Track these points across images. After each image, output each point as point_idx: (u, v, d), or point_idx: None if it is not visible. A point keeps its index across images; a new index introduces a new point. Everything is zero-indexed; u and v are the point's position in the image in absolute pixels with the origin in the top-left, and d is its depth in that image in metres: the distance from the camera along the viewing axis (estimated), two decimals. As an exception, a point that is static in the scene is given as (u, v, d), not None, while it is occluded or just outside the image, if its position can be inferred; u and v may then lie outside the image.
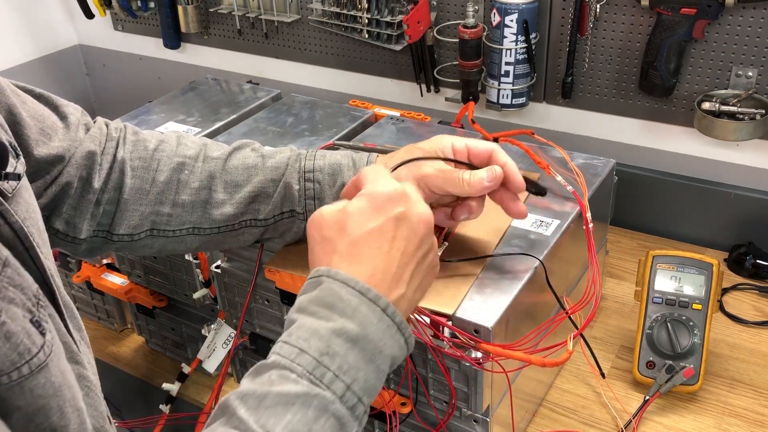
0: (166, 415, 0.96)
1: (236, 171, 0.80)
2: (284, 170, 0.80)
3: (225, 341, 0.96)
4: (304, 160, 0.81)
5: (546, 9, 1.21)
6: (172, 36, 1.67)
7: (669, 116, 1.21)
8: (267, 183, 0.79)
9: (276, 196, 0.79)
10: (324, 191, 0.79)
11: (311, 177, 0.79)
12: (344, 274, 0.58)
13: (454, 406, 0.79)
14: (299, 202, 0.79)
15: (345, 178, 0.78)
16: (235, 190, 0.79)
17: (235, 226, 0.80)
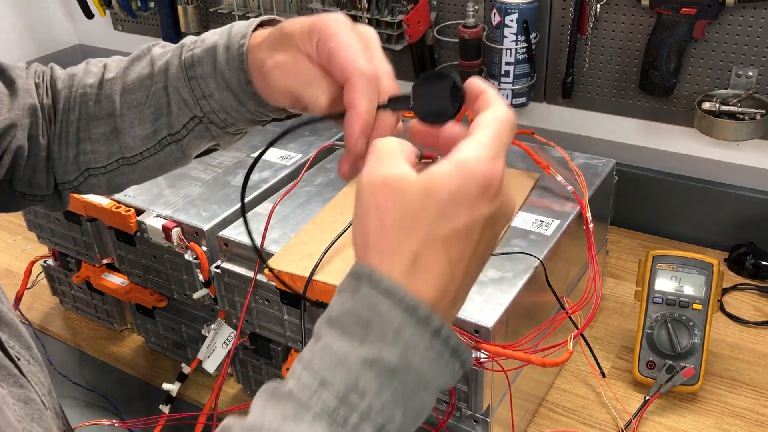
0: (166, 415, 0.96)
1: (134, 88, 0.71)
2: (167, 71, 0.69)
3: (225, 341, 0.96)
4: (186, 52, 0.68)
5: (546, 9, 1.21)
6: (172, 36, 1.67)
7: (669, 116, 1.21)
8: (159, 92, 0.69)
9: (173, 105, 0.69)
10: (209, 86, 0.66)
11: (194, 73, 0.67)
12: (388, 281, 0.45)
13: (454, 406, 0.79)
14: (195, 105, 0.68)
15: (220, 61, 0.65)
16: (140, 110, 0.70)
17: (157, 147, 0.71)
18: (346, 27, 0.59)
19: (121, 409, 1.01)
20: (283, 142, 1.12)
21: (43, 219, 1.09)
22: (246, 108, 0.67)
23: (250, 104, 0.67)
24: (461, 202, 0.45)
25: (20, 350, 0.54)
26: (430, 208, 0.45)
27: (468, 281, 0.48)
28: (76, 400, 1.03)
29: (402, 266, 0.45)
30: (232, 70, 0.65)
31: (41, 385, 0.55)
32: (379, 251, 0.46)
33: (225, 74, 0.65)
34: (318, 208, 0.94)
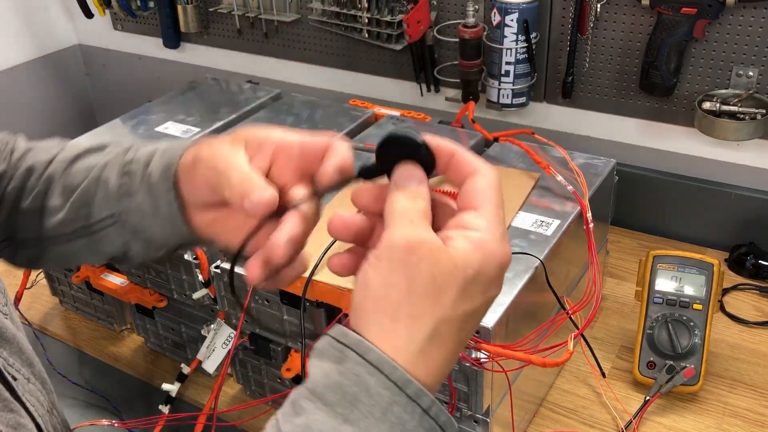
0: (165, 416, 0.96)
1: (77, 172, 0.68)
2: (106, 164, 0.67)
3: (225, 341, 0.96)
4: (132, 151, 0.67)
5: (546, 9, 1.21)
6: (171, 36, 1.67)
7: (669, 116, 1.20)
8: (92, 181, 0.67)
9: (98, 196, 0.66)
10: (134, 184, 0.64)
11: (128, 170, 0.65)
12: (378, 354, 0.43)
13: (454, 406, 0.79)
14: (117, 201, 0.65)
15: (154, 166, 0.63)
16: (71, 195, 0.68)
17: (69, 236, 0.68)
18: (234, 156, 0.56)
19: (121, 409, 1.01)
20: (283, 142, 1.12)
21: (42, 219, 1.09)
22: (157, 214, 0.64)
23: (164, 211, 0.63)
24: (482, 282, 0.45)
25: (20, 367, 0.53)
26: (458, 283, 0.44)
27: (461, 349, 0.47)
28: (76, 400, 1.03)
29: (420, 336, 0.43)
30: (160, 174, 0.63)
31: (39, 406, 0.53)
32: (394, 315, 0.44)
33: (152, 176, 0.64)
34: (318, 208, 0.93)
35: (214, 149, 0.57)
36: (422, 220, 0.46)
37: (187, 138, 0.69)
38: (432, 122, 1.18)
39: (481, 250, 0.45)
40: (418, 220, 0.45)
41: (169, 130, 1.19)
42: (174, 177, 0.61)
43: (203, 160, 0.57)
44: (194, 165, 0.59)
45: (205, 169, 0.57)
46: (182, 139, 0.64)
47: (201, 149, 0.59)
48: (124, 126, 1.22)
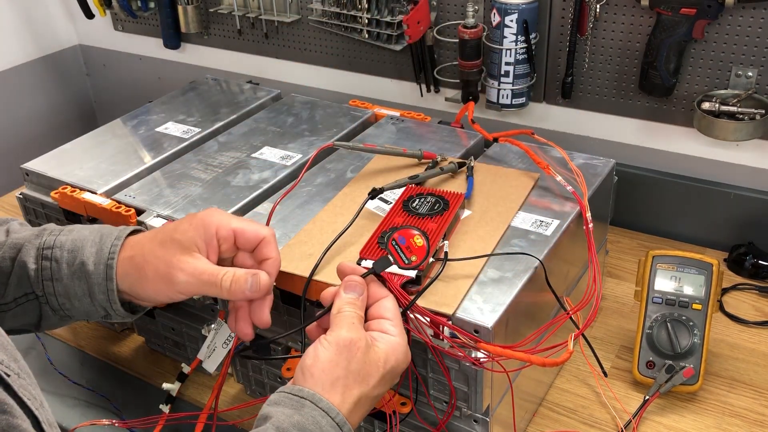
0: (166, 415, 0.96)
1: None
2: (22, 246, 0.73)
3: (225, 341, 0.96)
4: (47, 235, 0.74)
5: (546, 9, 1.21)
6: (172, 36, 1.67)
7: (669, 116, 1.21)
8: (4, 261, 0.72)
9: (13, 277, 0.72)
10: (61, 270, 0.72)
11: (49, 254, 0.72)
12: (327, 403, 0.62)
13: (454, 405, 0.79)
14: (37, 283, 0.72)
15: (85, 255, 0.72)
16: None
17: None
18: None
19: (121, 409, 1.01)
20: (283, 142, 1.13)
21: (43, 219, 1.09)
22: (93, 298, 0.72)
23: (101, 297, 0.73)
24: (393, 375, 0.68)
25: (9, 363, 0.54)
26: (380, 373, 0.66)
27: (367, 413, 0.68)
28: (76, 400, 1.03)
29: (349, 401, 0.64)
30: (97, 264, 0.71)
31: (33, 399, 0.55)
32: (333, 383, 0.63)
33: (87, 266, 0.71)
34: (318, 208, 0.94)
35: (180, 269, 0.70)
36: (359, 324, 0.68)
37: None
38: (432, 122, 1.18)
39: (395, 351, 0.67)
40: (356, 324, 0.67)
41: (169, 131, 1.19)
42: (113, 269, 0.72)
43: (176, 284, 0.70)
44: (139, 284, 0.71)
45: (173, 288, 0.70)
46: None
47: (139, 271, 0.72)
48: (125, 126, 1.22)
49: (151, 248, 0.72)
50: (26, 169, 1.10)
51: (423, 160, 1.01)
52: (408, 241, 0.73)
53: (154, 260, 0.71)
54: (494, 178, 0.97)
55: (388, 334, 0.68)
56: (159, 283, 0.70)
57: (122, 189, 1.03)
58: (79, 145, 1.16)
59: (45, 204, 1.07)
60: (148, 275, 0.71)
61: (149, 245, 0.73)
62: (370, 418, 0.87)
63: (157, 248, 0.72)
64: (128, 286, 0.73)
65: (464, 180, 0.96)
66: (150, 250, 0.72)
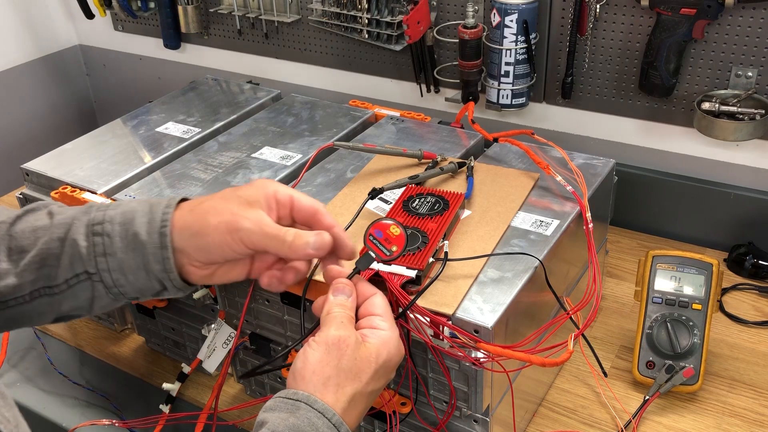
0: (166, 415, 0.96)
1: (22, 235, 0.71)
2: (70, 225, 0.71)
3: (225, 341, 0.96)
4: (94, 211, 0.72)
5: (546, 9, 1.21)
6: (172, 36, 1.67)
7: (669, 116, 1.21)
8: (53, 243, 0.70)
9: (64, 257, 0.70)
10: (114, 244, 0.70)
11: (100, 230, 0.70)
12: (322, 404, 0.62)
13: (454, 405, 0.79)
14: (89, 260, 0.70)
15: (137, 225, 0.70)
16: (21, 257, 0.70)
17: (26, 298, 0.70)
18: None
19: (121, 409, 1.01)
20: (283, 142, 1.13)
21: (43, 219, 1.09)
22: (149, 270, 0.71)
23: (156, 268, 0.71)
24: (387, 368, 0.67)
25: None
26: (372, 368, 0.65)
27: (367, 410, 0.68)
28: (76, 400, 1.03)
29: (343, 399, 0.63)
30: (150, 233, 0.70)
31: (6, 422, 0.54)
32: (325, 383, 0.63)
33: (141, 236, 0.70)
34: (318, 208, 0.93)
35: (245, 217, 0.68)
36: (348, 322, 0.67)
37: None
38: (432, 122, 1.18)
39: (387, 344, 0.67)
40: (345, 323, 0.67)
41: (169, 131, 1.19)
42: (167, 236, 0.70)
43: (239, 230, 0.67)
44: (199, 235, 0.69)
45: (236, 235, 0.67)
46: (156, 203, 0.74)
47: (201, 221, 0.69)
48: (125, 126, 1.22)
49: (213, 201, 0.71)
50: (26, 169, 1.10)
51: (423, 160, 1.01)
52: (384, 232, 0.72)
53: (218, 208, 0.69)
54: (494, 178, 0.98)
55: (379, 329, 0.68)
56: (221, 231, 0.68)
57: (122, 189, 1.03)
58: (79, 145, 1.16)
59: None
60: (210, 223, 0.68)
61: (210, 200, 0.71)
62: (369, 418, 0.87)
63: (219, 201, 0.70)
64: (186, 240, 0.70)
65: (464, 180, 0.96)
66: (212, 202, 0.71)
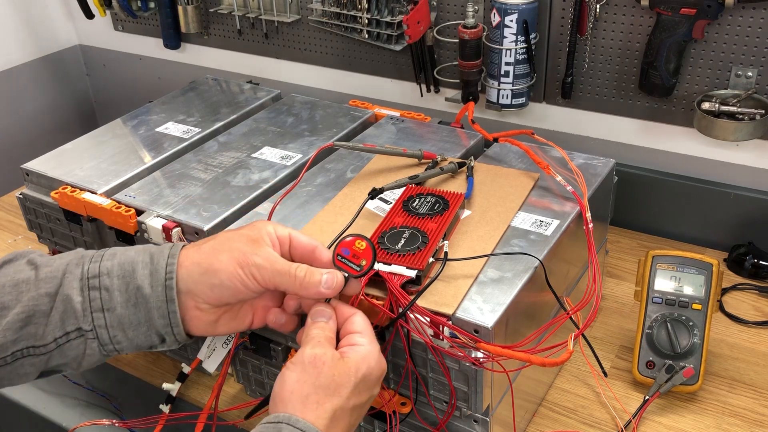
0: (166, 415, 0.96)
1: (3, 290, 0.66)
2: (61, 279, 0.67)
3: (225, 341, 0.96)
4: (88, 263, 0.69)
5: (546, 9, 1.21)
6: (172, 36, 1.67)
7: (669, 116, 1.21)
8: (41, 299, 0.66)
9: (54, 314, 0.66)
10: (113, 299, 0.67)
11: (97, 284, 0.67)
12: (304, 422, 0.61)
13: (454, 405, 0.79)
14: (84, 317, 0.66)
15: (139, 279, 0.68)
16: (2, 314, 0.65)
17: (8, 359, 0.66)
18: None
19: (121, 409, 1.01)
20: (283, 142, 1.13)
21: (43, 219, 1.09)
22: (151, 325, 0.69)
23: (160, 322, 0.69)
24: (368, 383, 0.67)
25: None
26: (352, 382, 0.65)
27: (354, 429, 0.68)
28: (76, 400, 1.03)
29: (324, 416, 0.63)
30: (154, 286, 0.68)
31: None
32: (304, 401, 0.63)
33: (144, 290, 0.68)
34: (318, 208, 0.94)
35: (255, 253, 0.69)
36: (325, 342, 0.67)
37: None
38: (432, 122, 1.18)
39: (366, 359, 0.66)
40: (323, 342, 0.67)
41: (169, 131, 1.19)
42: (173, 289, 0.68)
43: (250, 265, 0.68)
44: (210, 272, 0.69)
45: (248, 270, 0.68)
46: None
47: (210, 258, 0.69)
48: (125, 126, 1.22)
49: (218, 240, 0.70)
50: (26, 169, 1.10)
51: (423, 160, 1.01)
52: (351, 249, 0.71)
53: (226, 246, 0.69)
54: (494, 178, 0.98)
55: (358, 345, 0.67)
56: (233, 266, 0.67)
57: (122, 189, 1.03)
58: (79, 145, 1.16)
59: (45, 204, 1.07)
60: (222, 259, 0.68)
61: (213, 240, 0.71)
62: (369, 418, 0.87)
63: (224, 240, 0.70)
64: (195, 280, 0.69)
65: (464, 180, 0.96)
66: (217, 241, 0.70)
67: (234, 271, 0.67)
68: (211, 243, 0.70)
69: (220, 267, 0.68)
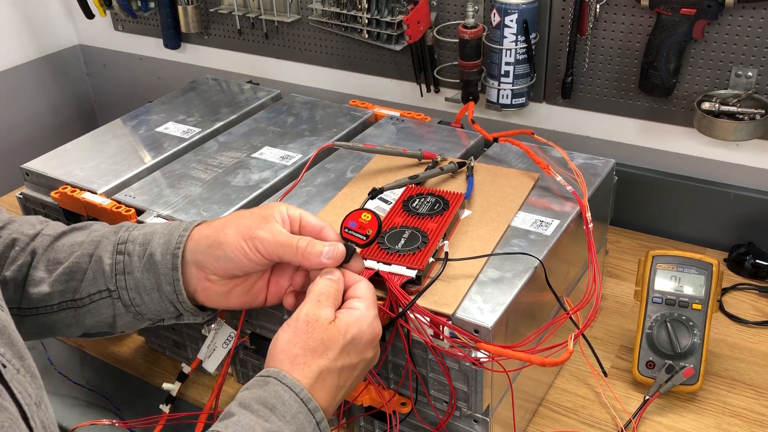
0: (166, 415, 0.96)
1: (62, 248, 0.75)
2: (99, 242, 0.75)
3: (225, 341, 0.96)
4: (123, 231, 0.76)
5: (546, 9, 1.21)
6: (172, 36, 1.67)
7: (669, 116, 1.21)
8: (83, 258, 0.74)
9: (89, 272, 0.74)
10: (132, 263, 0.73)
11: (123, 249, 0.74)
12: (291, 378, 0.63)
13: (454, 405, 0.79)
14: (111, 278, 0.73)
15: (154, 246, 0.74)
16: (55, 268, 0.74)
17: (54, 308, 0.75)
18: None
19: (121, 409, 1.01)
20: (283, 142, 1.13)
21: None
22: (161, 291, 0.73)
23: (167, 289, 0.73)
24: (357, 344, 0.67)
25: (11, 358, 0.55)
26: (339, 343, 0.66)
27: (348, 390, 0.69)
28: (76, 400, 1.03)
29: (309, 376, 0.64)
30: (164, 254, 0.73)
31: (27, 396, 0.55)
32: (293, 361, 0.64)
33: (155, 257, 0.73)
34: (318, 208, 0.94)
35: (260, 228, 0.71)
36: (326, 300, 0.68)
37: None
38: (432, 122, 1.18)
39: (358, 322, 0.67)
40: (322, 300, 0.68)
41: (169, 131, 1.19)
42: (179, 258, 0.72)
43: (254, 238, 0.70)
44: (216, 245, 0.72)
45: (251, 243, 0.70)
46: (173, 224, 0.77)
47: (218, 232, 0.72)
48: (125, 126, 1.22)
49: (229, 217, 0.74)
50: (26, 169, 1.10)
51: (423, 160, 1.01)
52: (357, 221, 0.74)
53: (235, 222, 0.72)
54: (494, 178, 0.98)
55: (353, 309, 0.69)
56: (238, 239, 0.71)
57: (122, 189, 1.03)
58: (79, 145, 1.16)
59: (45, 204, 1.07)
60: (227, 233, 0.71)
61: (226, 217, 0.75)
62: (369, 418, 0.87)
63: (235, 217, 0.74)
64: (203, 251, 0.73)
65: (464, 180, 0.96)
66: (228, 218, 0.74)
67: (237, 244, 0.70)
68: (223, 219, 0.74)
69: (225, 240, 0.71)
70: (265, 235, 0.71)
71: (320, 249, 0.71)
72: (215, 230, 0.73)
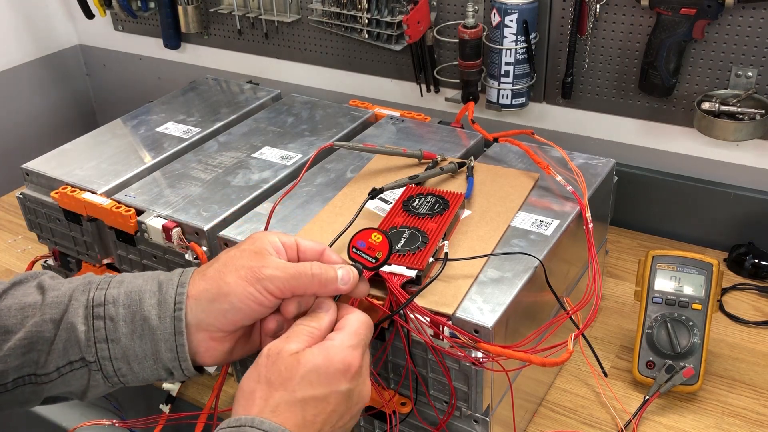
0: (166, 415, 0.96)
1: (9, 313, 0.64)
2: (67, 305, 0.64)
3: (225, 341, 0.96)
4: (95, 290, 0.65)
5: (546, 9, 1.21)
6: (172, 36, 1.67)
7: (669, 116, 1.21)
8: (45, 325, 0.63)
9: (57, 342, 0.63)
10: (118, 330, 0.64)
11: (101, 312, 0.64)
12: (270, 424, 0.57)
13: (454, 405, 0.79)
14: (88, 347, 0.63)
15: (146, 309, 0.64)
16: (4, 339, 0.63)
17: (9, 386, 0.64)
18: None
19: (121, 409, 1.01)
20: (283, 142, 1.13)
21: (43, 219, 1.09)
22: (158, 358, 0.65)
23: (167, 356, 0.65)
24: (322, 375, 0.60)
25: None
26: (298, 374, 0.59)
27: (330, 427, 0.61)
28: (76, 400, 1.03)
29: (268, 410, 0.58)
30: (162, 317, 0.64)
31: None
32: (248, 399, 0.59)
33: (151, 321, 0.64)
34: (318, 208, 0.94)
35: (264, 266, 0.65)
36: (297, 336, 0.62)
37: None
38: (432, 122, 1.18)
39: (325, 351, 0.61)
40: (293, 336, 0.62)
41: (169, 131, 1.19)
42: (183, 321, 0.65)
43: (262, 279, 0.64)
44: (220, 298, 0.64)
45: (260, 285, 0.64)
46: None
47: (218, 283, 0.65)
48: (125, 126, 1.22)
49: (221, 262, 0.66)
50: (26, 169, 1.10)
51: (423, 160, 1.01)
52: (367, 242, 0.70)
53: (231, 266, 0.65)
54: (494, 178, 0.98)
55: (326, 340, 0.63)
56: (244, 285, 0.63)
57: (122, 189, 1.03)
58: (79, 145, 1.16)
59: (45, 204, 1.07)
60: (229, 281, 0.64)
61: (216, 262, 0.66)
62: (369, 418, 0.87)
63: (228, 260, 0.66)
64: (204, 308, 0.65)
65: (464, 180, 0.96)
66: (221, 263, 0.66)
67: (244, 291, 0.63)
68: (215, 266, 0.66)
69: (229, 290, 0.64)
70: (274, 272, 0.64)
71: (334, 274, 0.65)
72: (213, 281, 0.65)
